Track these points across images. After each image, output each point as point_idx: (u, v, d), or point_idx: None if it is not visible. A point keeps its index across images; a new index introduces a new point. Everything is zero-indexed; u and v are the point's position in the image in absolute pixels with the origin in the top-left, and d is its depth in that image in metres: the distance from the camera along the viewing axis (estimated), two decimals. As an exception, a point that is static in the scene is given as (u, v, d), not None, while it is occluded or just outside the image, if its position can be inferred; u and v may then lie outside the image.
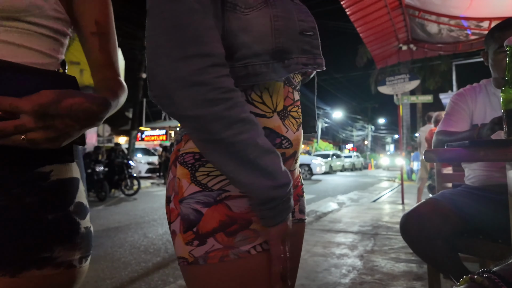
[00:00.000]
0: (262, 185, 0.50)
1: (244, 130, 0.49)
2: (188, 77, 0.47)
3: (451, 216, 1.28)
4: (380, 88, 6.75)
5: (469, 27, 4.15)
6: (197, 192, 0.54)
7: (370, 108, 39.87)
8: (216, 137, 0.48)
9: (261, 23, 0.54)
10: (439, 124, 1.51)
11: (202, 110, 0.47)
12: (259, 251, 0.54)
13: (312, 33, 0.60)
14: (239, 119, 0.49)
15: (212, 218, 0.53)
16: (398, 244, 3.13)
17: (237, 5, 0.54)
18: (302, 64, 0.58)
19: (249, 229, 0.54)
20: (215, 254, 0.52)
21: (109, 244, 3.51)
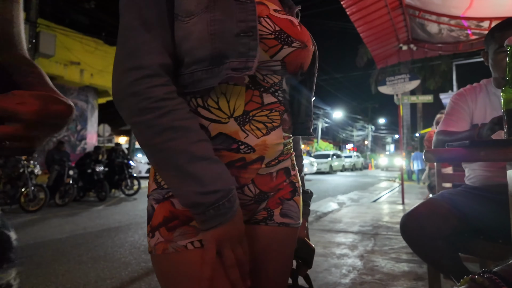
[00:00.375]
0: (187, 190, 0.53)
1: (174, 138, 0.52)
2: (126, 88, 0.52)
3: (451, 216, 1.28)
4: (381, 88, 6.75)
5: (469, 27, 4.14)
6: (155, 190, 0.61)
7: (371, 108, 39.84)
8: (149, 144, 0.53)
9: (198, 29, 0.56)
10: (439, 124, 1.50)
11: (136, 118, 0.53)
12: (197, 246, 0.57)
13: (251, 34, 0.57)
14: (170, 127, 0.52)
15: (159, 213, 0.59)
16: (398, 244, 3.13)
17: (179, 15, 0.57)
18: (231, 69, 0.56)
19: (189, 226, 0.58)
20: (159, 247, 0.58)
21: (109, 244, 3.51)
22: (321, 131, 33.34)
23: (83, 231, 4.15)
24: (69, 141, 10.66)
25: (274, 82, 0.64)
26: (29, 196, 5.80)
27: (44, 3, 9.33)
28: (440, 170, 1.84)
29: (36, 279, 2.50)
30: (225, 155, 0.60)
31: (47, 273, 2.63)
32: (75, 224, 4.65)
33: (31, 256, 3.07)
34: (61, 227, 4.45)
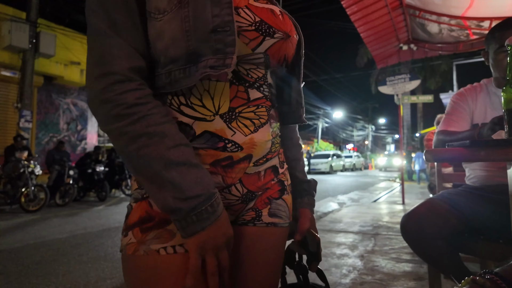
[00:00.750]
0: (165, 196, 0.50)
1: (149, 144, 0.50)
2: (98, 96, 0.51)
3: (451, 216, 1.28)
4: (381, 88, 6.75)
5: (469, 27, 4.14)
6: (135, 189, 0.59)
7: (371, 108, 39.84)
8: (124, 151, 0.51)
9: (172, 27, 0.53)
10: (440, 124, 1.50)
11: (110, 126, 0.51)
12: (170, 252, 0.54)
13: (228, 29, 0.54)
14: (144, 133, 0.50)
15: (136, 212, 0.57)
16: (398, 244, 3.13)
17: (151, 12, 0.54)
18: (209, 67, 0.54)
19: (165, 229, 0.55)
20: (130, 247, 0.55)
21: (110, 244, 3.51)
22: (321, 131, 33.33)
23: (83, 231, 4.15)
24: (69, 141, 10.66)
25: (259, 76, 0.61)
26: (30, 196, 5.80)
27: (44, 3, 9.33)
28: (441, 170, 1.84)
29: (36, 279, 2.50)
30: (211, 154, 0.57)
31: (47, 273, 2.63)
32: (75, 224, 4.65)
33: (31, 256, 3.07)
34: (61, 227, 4.45)
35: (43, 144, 9.96)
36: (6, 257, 3.06)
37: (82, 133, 11.25)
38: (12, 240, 3.72)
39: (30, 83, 8.43)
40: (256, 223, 0.67)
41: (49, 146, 9.80)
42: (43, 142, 10.02)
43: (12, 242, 3.62)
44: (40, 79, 9.38)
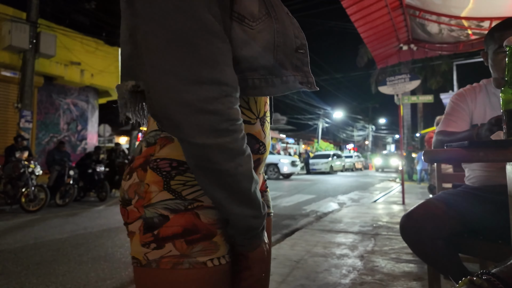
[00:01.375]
0: (247, 215, 0.52)
1: (244, 163, 0.49)
2: (199, 104, 0.44)
3: (451, 216, 1.28)
4: (381, 88, 6.75)
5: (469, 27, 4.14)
6: (168, 200, 0.53)
7: (371, 108, 39.84)
8: (217, 167, 0.47)
9: (265, 38, 0.54)
10: (439, 124, 1.50)
11: (209, 140, 0.46)
12: (216, 264, 0.54)
13: (303, 51, 0.60)
14: (241, 151, 0.49)
15: (177, 224, 0.52)
16: (398, 244, 3.13)
17: (246, 18, 0.53)
18: (299, 83, 0.59)
19: (211, 241, 0.54)
20: (169, 260, 0.51)
21: (110, 244, 3.52)
22: (321, 131, 33.33)
23: (84, 231, 4.15)
24: (69, 141, 10.66)
25: None
26: (30, 196, 5.81)
27: (44, 3, 9.34)
28: (440, 170, 1.84)
29: (36, 279, 2.51)
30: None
31: (47, 273, 2.63)
32: (75, 224, 4.65)
33: (32, 256, 3.08)
34: (61, 227, 4.45)
35: (43, 144, 9.97)
36: (6, 257, 3.06)
37: (82, 133, 11.26)
38: (12, 240, 3.73)
39: (31, 83, 8.44)
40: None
41: (49, 146, 9.81)
42: (43, 142, 10.03)
43: (12, 242, 3.62)
44: (40, 79, 9.39)
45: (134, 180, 0.56)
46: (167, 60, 0.45)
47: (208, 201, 0.54)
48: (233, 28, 0.52)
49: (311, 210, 5.94)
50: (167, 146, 0.54)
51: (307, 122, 32.55)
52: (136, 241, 0.54)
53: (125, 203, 0.56)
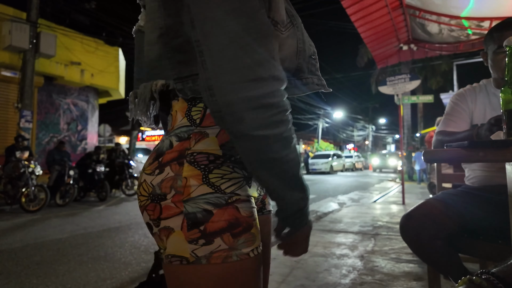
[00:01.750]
0: (298, 198, 0.55)
1: (294, 149, 0.52)
2: (261, 99, 0.48)
3: (451, 216, 1.28)
4: (381, 88, 6.75)
5: (469, 27, 4.14)
6: (209, 194, 0.54)
7: (371, 108, 39.81)
8: (274, 156, 0.50)
9: (292, 43, 0.60)
10: (439, 125, 1.50)
11: (269, 131, 0.49)
12: (256, 254, 0.56)
13: (315, 57, 0.67)
14: (292, 138, 0.53)
15: (221, 218, 0.53)
16: (398, 244, 3.13)
17: (278, 23, 0.57)
18: (316, 85, 0.66)
19: (250, 233, 0.56)
20: (219, 255, 0.52)
21: (110, 244, 3.52)
22: (321, 131, 33.33)
23: (84, 231, 4.15)
24: (69, 141, 10.66)
25: None
26: (30, 196, 5.81)
27: (44, 3, 9.34)
28: (440, 170, 1.84)
29: (36, 279, 2.51)
30: None
31: (47, 273, 2.63)
32: (75, 224, 4.66)
33: (32, 256, 3.08)
34: (61, 227, 4.45)
35: (43, 144, 9.97)
36: (7, 257, 3.07)
37: (82, 133, 11.26)
38: (13, 240, 3.73)
39: (31, 83, 8.44)
40: (264, 212, 0.75)
41: (49, 146, 9.81)
42: (44, 142, 10.03)
43: (12, 242, 3.62)
44: (40, 79, 9.39)
45: (167, 175, 0.55)
46: (230, 60, 0.47)
47: (244, 194, 0.57)
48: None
49: (311, 210, 5.95)
50: (202, 141, 0.56)
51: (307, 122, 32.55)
52: (179, 238, 0.53)
53: (157, 198, 0.55)
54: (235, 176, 0.57)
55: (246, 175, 0.59)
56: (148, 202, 0.56)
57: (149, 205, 0.56)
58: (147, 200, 0.57)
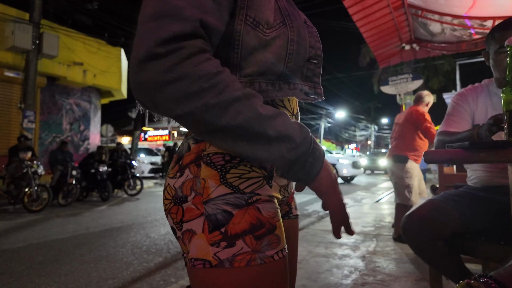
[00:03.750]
0: (282, 151, 0.48)
1: (243, 108, 0.46)
2: (159, 77, 0.43)
3: (452, 217, 1.27)
4: (383, 88, 6.73)
5: (472, 26, 4.12)
6: (228, 194, 0.52)
7: (373, 108, 39.69)
8: (216, 127, 0.46)
9: (279, 45, 0.55)
10: (440, 125, 1.50)
11: (190, 106, 0.44)
12: (281, 257, 0.54)
13: (316, 61, 0.62)
14: (233, 99, 0.46)
15: (243, 220, 0.52)
16: (400, 245, 3.12)
17: (260, 24, 0.54)
18: (304, 93, 0.60)
19: (274, 234, 0.54)
20: (243, 257, 0.50)
21: (112, 244, 3.53)
22: (323, 131, 33.27)
23: (86, 231, 4.17)
24: (72, 141, 10.71)
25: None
26: (33, 196, 5.84)
27: (47, 4, 9.37)
28: (442, 170, 1.84)
29: (38, 278, 2.52)
30: None
31: (50, 272, 2.64)
32: (77, 224, 4.67)
33: (34, 256, 3.09)
34: (64, 227, 4.47)
35: (46, 144, 10.02)
36: (9, 256, 3.08)
37: (84, 133, 11.30)
38: (15, 239, 3.75)
39: (34, 84, 8.48)
40: (290, 216, 0.73)
41: (52, 146, 9.85)
42: (46, 142, 10.07)
43: (15, 241, 3.64)
44: (43, 79, 9.44)
45: (187, 177, 0.55)
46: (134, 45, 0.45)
47: (265, 194, 0.55)
48: (245, 31, 0.53)
49: (313, 210, 5.94)
50: None
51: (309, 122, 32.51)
52: (201, 241, 0.52)
53: (179, 201, 0.55)
54: (254, 176, 0.55)
55: (266, 174, 0.57)
56: (171, 205, 0.56)
57: (172, 208, 0.56)
58: (170, 203, 0.57)
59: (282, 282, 0.54)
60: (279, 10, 0.57)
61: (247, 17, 0.54)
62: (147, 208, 6.10)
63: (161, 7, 0.45)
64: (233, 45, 0.54)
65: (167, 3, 0.46)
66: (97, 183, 7.42)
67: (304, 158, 0.51)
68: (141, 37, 0.45)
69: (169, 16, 0.45)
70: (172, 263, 2.86)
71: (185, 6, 0.46)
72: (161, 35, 0.44)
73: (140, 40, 0.45)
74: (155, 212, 5.67)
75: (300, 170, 0.51)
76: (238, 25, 0.53)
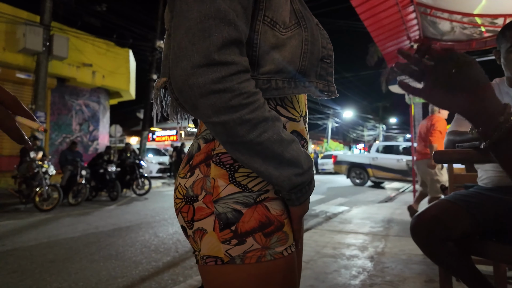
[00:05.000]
0: (290, 175, 0.52)
1: (268, 128, 0.50)
2: (209, 85, 0.46)
3: (462, 217, 1.25)
4: (391, 87, 6.66)
5: (483, 24, 4.05)
6: (237, 193, 0.54)
7: (382, 107, 39.32)
8: (243, 140, 0.49)
9: (294, 44, 0.58)
10: (451, 124, 1.48)
11: (224, 116, 0.48)
12: (290, 252, 0.56)
13: (329, 61, 0.64)
14: (263, 118, 0.50)
15: (252, 218, 0.54)
16: (409, 245, 3.09)
17: (277, 24, 0.57)
18: (319, 91, 0.63)
19: (282, 231, 0.56)
20: (253, 254, 0.53)
21: (121, 243, 3.57)
22: (331, 131, 33.09)
23: (95, 230, 4.22)
24: (81, 142, 10.85)
25: None
26: (43, 195, 5.93)
27: (57, 6, 9.52)
28: (452, 170, 1.81)
29: (50, 277, 2.56)
30: None
31: (60, 271, 2.69)
32: (87, 223, 4.73)
33: (45, 254, 3.14)
34: (74, 226, 4.53)
35: (56, 144, 10.17)
36: (21, 255, 3.14)
37: (94, 134, 11.44)
38: (27, 238, 3.81)
39: (44, 85, 8.62)
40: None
41: (62, 146, 10.00)
42: (57, 142, 10.23)
43: (26, 240, 3.71)
44: (53, 81, 9.59)
45: (197, 176, 0.57)
46: (183, 47, 0.47)
47: (273, 192, 0.57)
48: (263, 31, 0.56)
49: (321, 210, 5.91)
50: None
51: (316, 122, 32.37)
52: (213, 238, 0.54)
53: (190, 200, 0.57)
54: None
55: None
56: (182, 204, 0.58)
57: (183, 207, 0.58)
58: (181, 202, 0.59)
59: (292, 277, 0.56)
60: (294, 12, 0.59)
61: (265, 18, 0.56)
62: (155, 208, 6.15)
63: (207, 9, 0.48)
64: (251, 44, 0.56)
65: (213, 5, 0.48)
66: (106, 183, 7.51)
67: (304, 185, 0.55)
68: (192, 41, 0.47)
69: (218, 20, 0.47)
70: (180, 262, 2.88)
71: (228, 10, 0.48)
72: (215, 42, 0.47)
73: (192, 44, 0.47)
74: (163, 211, 5.71)
75: (295, 194, 0.55)
76: (257, 25, 0.56)
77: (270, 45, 0.56)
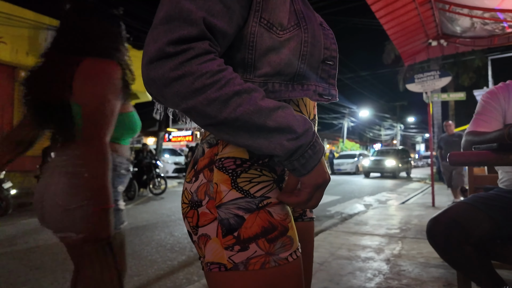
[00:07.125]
0: (281, 142, 0.49)
1: (242, 102, 0.48)
2: (169, 73, 0.47)
3: (482, 220, 1.21)
4: (409, 85, 6.51)
5: (505, 19, 3.91)
6: (239, 198, 0.54)
7: (399, 106, 38.49)
8: (218, 119, 0.48)
9: (292, 47, 0.56)
10: (469, 125, 1.43)
11: (193, 101, 0.47)
12: (295, 258, 0.55)
13: (332, 63, 0.62)
14: (233, 93, 0.48)
15: (254, 224, 0.53)
16: (427, 248, 3.01)
17: (274, 26, 0.56)
18: (318, 94, 0.60)
19: (286, 236, 0.55)
20: (257, 260, 0.52)
21: (137, 242, 3.64)
22: (347, 131, 32.67)
23: (113, 229, 4.31)
24: (100, 142, 11.11)
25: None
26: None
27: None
28: (472, 172, 1.75)
29: (70, 274, 2.63)
30: None
31: (79, 268, 2.76)
32: (106, 222, 4.84)
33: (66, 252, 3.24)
34: (93, 224, 4.65)
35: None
36: (43, 252, 3.25)
37: (112, 135, 11.68)
38: (49, 236, 3.94)
39: (65, 88, 8.87)
40: (304, 218, 0.73)
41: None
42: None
43: (48, 238, 3.83)
44: (73, 83, 9.84)
45: (201, 181, 0.57)
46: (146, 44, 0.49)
47: (276, 197, 0.56)
48: (259, 33, 0.55)
49: (336, 211, 5.85)
50: (229, 145, 0.57)
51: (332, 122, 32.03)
52: (216, 245, 0.54)
53: (194, 205, 0.57)
54: (264, 179, 0.56)
55: (276, 178, 0.58)
56: (188, 209, 0.59)
57: (189, 212, 0.58)
58: (187, 207, 0.59)
59: (298, 283, 0.55)
60: (294, 13, 0.57)
61: (261, 19, 0.55)
62: (171, 207, 6.24)
63: (172, 10, 0.48)
64: (247, 46, 0.55)
65: (178, 6, 0.48)
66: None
67: (304, 149, 0.51)
68: (153, 38, 0.48)
69: (179, 20, 0.48)
70: (195, 262, 2.92)
71: (194, 10, 0.48)
72: (171, 37, 0.47)
73: (152, 41, 0.48)
74: (179, 211, 5.78)
75: (297, 160, 0.51)
76: (253, 27, 0.55)
77: (266, 47, 0.55)
